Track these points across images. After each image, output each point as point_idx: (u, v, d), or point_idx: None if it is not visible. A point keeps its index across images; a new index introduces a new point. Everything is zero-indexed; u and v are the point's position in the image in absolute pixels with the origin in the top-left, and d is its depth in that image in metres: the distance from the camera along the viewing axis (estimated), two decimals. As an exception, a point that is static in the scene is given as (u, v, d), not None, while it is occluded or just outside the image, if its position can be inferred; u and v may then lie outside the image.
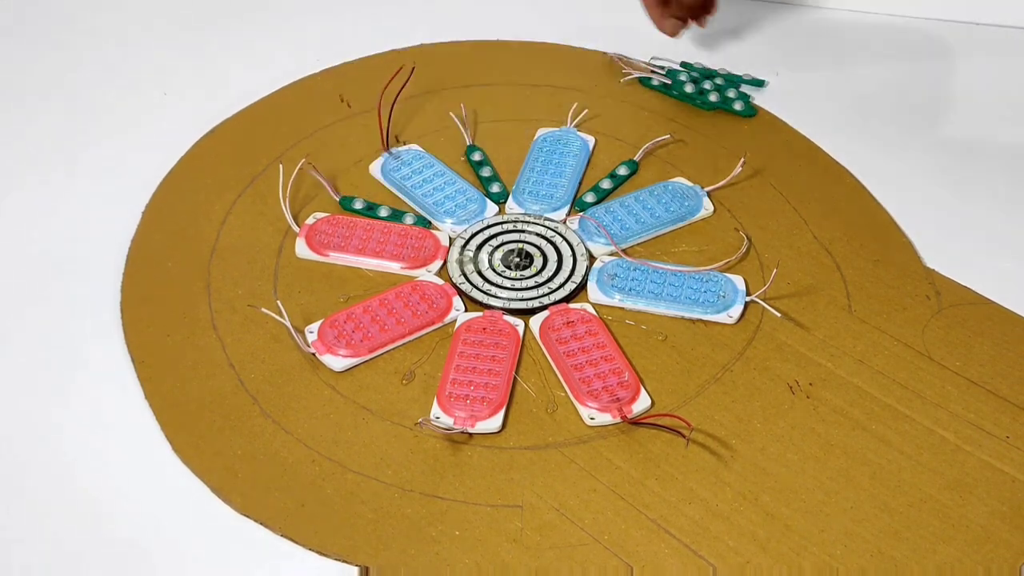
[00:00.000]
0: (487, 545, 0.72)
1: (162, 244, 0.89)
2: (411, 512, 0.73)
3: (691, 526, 0.73)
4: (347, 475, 0.75)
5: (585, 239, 0.89)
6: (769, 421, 0.78)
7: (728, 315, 0.84)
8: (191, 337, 0.82)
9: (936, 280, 0.86)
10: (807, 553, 0.71)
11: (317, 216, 0.90)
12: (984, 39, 1.08)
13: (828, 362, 0.81)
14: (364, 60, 1.04)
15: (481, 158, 0.95)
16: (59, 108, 1.01)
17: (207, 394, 0.79)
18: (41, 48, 1.07)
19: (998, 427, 0.77)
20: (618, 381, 0.79)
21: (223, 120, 0.98)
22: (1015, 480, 0.75)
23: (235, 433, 0.77)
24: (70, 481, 0.75)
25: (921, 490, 0.74)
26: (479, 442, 0.77)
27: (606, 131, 0.98)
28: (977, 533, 0.72)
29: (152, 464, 0.76)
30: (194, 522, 0.73)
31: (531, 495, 0.74)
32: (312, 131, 0.97)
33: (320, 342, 0.81)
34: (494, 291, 0.85)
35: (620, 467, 0.76)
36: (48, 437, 0.77)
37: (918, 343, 0.82)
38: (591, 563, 0.71)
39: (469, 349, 0.81)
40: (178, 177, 0.94)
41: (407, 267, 0.87)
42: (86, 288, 0.85)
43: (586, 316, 0.83)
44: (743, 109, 1.00)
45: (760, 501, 0.74)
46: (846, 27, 1.10)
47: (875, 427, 0.78)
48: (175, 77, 1.04)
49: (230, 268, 0.87)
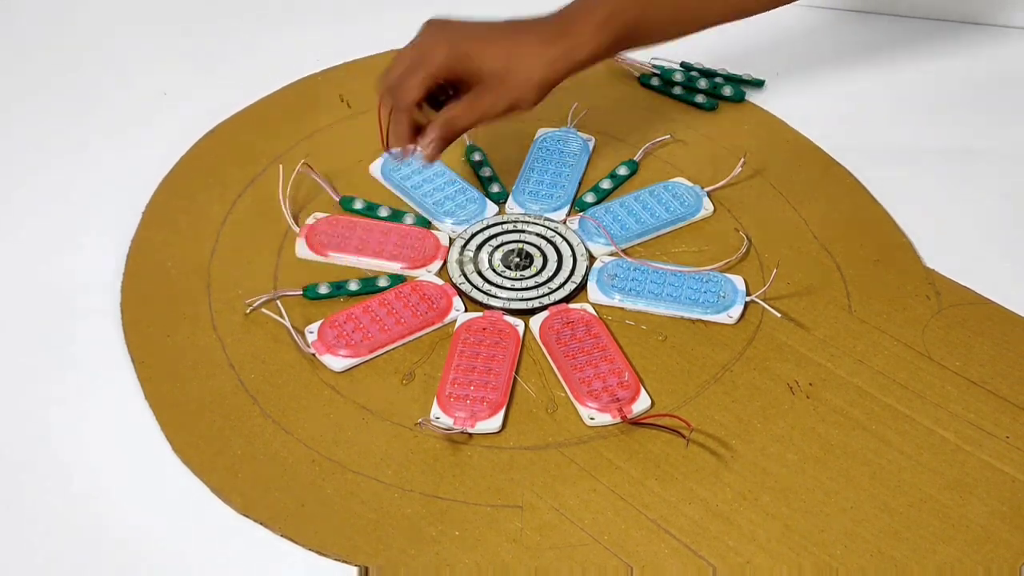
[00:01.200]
0: (487, 545, 0.72)
1: (162, 244, 0.89)
2: (411, 512, 0.73)
3: (691, 526, 0.73)
4: (347, 475, 0.75)
5: (585, 239, 0.89)
6: (769, 421, 0.78)
7: (728, 315, 0.84)
8: (191, 337, 0.82)
9: (936, 280, 0.86)
10: (807, 553, 0.71)
11: (317, 216, 0.90)
12: (984, 39, 1.08)
13: (828, 362, 0.81)
14: (364, 60, 1.04)
15: (481, 158, 0.95)
16: (60, 108, 1.01)
17: (207, 394, 0.79)
18: (44, 49, 1.07)
19: (998, 427, 0.77)
20: (618, 381, 0.79)
21: (223, 120, 0.98)
22: (1015, 480, 0.75)
23: (235, 433, 0.77)
24: (70, 481, 0.75)
25: (921, 490, 0.74)
26: (479, 442, 0.77)
27: (606, 131, 0.98)
28: (977, 533, 0.72)
29: (152, 464, 0.76)
30: (194, 522, 0.73)
31: (531, 495, 0.74)
32: (312, 131, 0.97)
33: (320, 342, 0.81)
34: (494, 291, 0.85)
35: (620, 467, 0.76)
36: (48, 437, 0.77)
37: (918, 343, 0.82)
38: (591, 563, 0.71)
39: (469, 349, 0.81)
40: (178, 177, 0.94)
41: (407, 267, 0.87)
42: (86, 288, 0.85)
43: (586, 316, 0.83)
44: (733, 94, 1.01)
45: (760, 501, 0.74)
46: (846, 28, 1.10)
47: (875, 427, 0.78)
48: (176, 77, 1.04)
49: (230, 268, 0.87)
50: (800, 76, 1.05)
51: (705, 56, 1.05)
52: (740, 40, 1.09)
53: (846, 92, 1.03)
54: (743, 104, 1.01)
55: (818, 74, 1.05)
